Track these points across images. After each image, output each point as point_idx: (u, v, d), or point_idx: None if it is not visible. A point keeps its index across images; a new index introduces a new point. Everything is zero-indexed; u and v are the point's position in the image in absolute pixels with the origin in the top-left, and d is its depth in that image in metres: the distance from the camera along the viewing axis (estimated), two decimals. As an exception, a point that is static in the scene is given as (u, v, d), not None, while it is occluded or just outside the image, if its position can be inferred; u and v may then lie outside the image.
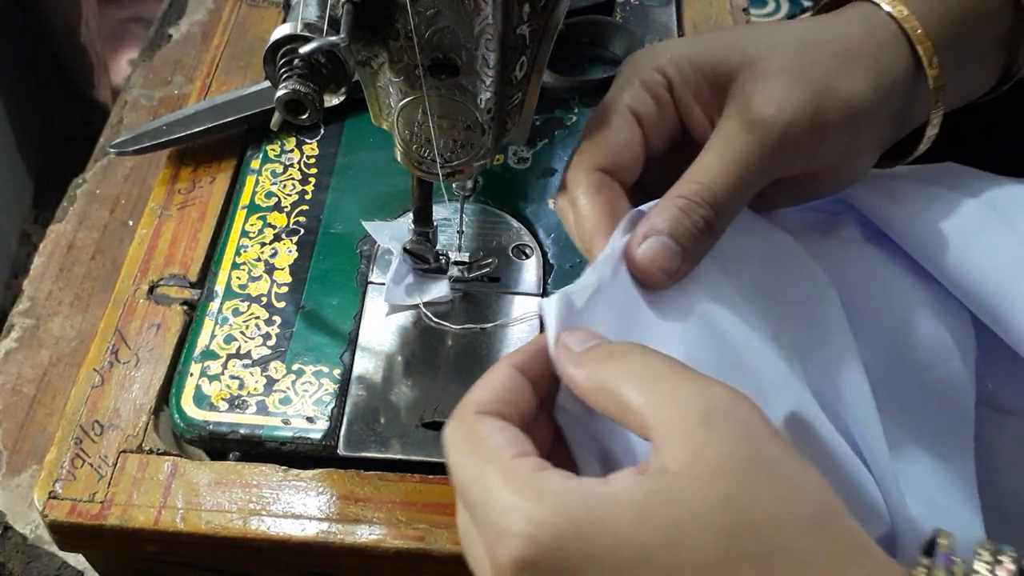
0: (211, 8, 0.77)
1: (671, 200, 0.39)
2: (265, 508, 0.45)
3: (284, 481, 0.46)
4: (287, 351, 0.50)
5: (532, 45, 0.43)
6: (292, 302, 0.52)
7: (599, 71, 0.65)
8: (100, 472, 0.46)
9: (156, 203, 0.57)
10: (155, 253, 0.55)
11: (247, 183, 0.58)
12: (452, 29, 0.40)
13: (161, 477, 0.46)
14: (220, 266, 0.54)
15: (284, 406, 0.48)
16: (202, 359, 0.50)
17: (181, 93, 0.70)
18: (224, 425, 0.47)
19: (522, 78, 0.44)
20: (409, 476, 0.46)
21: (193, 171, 0.59)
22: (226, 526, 0.44)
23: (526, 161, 0.60)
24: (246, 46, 0.67)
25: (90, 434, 0.47)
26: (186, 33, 0.75)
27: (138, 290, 0.53)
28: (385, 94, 0.45)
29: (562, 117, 0.62)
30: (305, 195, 0.57)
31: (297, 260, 0.54)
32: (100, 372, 0.50)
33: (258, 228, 0.56)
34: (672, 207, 0.39)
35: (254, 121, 0.60)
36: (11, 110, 1.26)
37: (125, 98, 0.72)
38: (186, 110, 0.61)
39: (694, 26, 0.69)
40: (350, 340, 0.51)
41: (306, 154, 0.60)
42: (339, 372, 0.49)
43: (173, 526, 0.44)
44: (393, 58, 0.42)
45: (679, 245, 0.38)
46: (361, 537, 0.44)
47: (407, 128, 0.44)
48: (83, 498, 0.45)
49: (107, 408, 0.48)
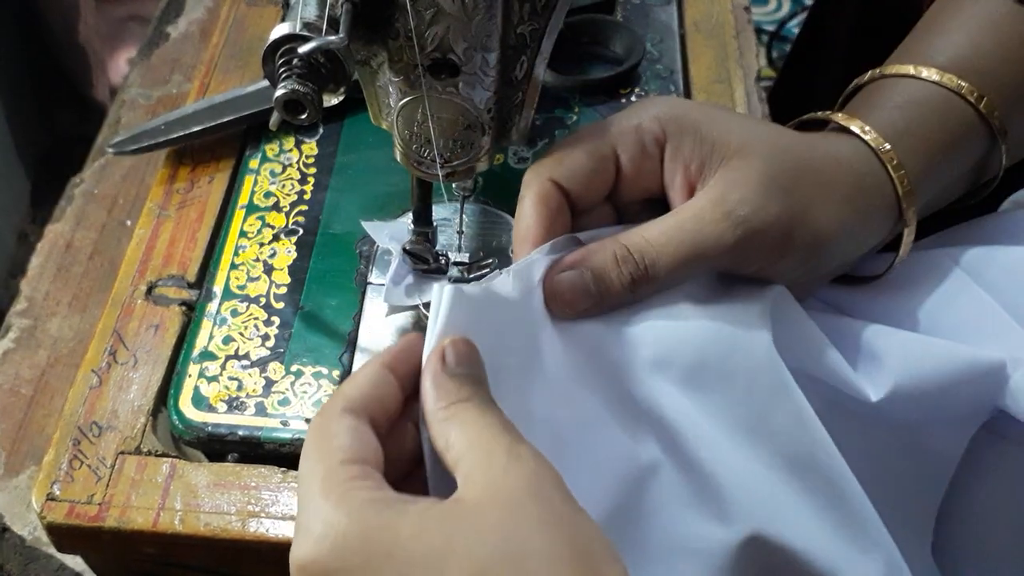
0: (209, 7, 0.76)
1: (613, 243, 0.40)
2: (264, 510, 0.45)
3: (283, 483, 0.46)
4: (286, 352, 0.50)
5: (532, 45, 0.42)
6: (291, 303, 0.52)
7: (600, 70, 0.65)
8: (98, 473, 0.46)
9: (154, 203, 0.57)
10: (153, 253, 0.55)
11: (246, 183, 0.58)
12: (452, 29, 0.40)
13: (159, 479, 0.46)
14: (218, 266, 0.54)
15: (283, 407, 0.48)
16: (200, 360, 0.49)
17: (179, 92, 0.70)
18: (223, 426, 0.47)
19: (522, 78, 0.44)
20: (409, 478, 0.46)
21: (191, 171, 0.59)
22: (225, 528, 0.44)
23: (526, 161, 0.59)
24: (245, 45, 0.67)
25: (88, 435, 0.47)
26: (184, 32, 0.75)
27: (136, 290, 0.53)
28: (385, 94, 0.44)
29: (562, 116, 0.62)
30: (304, 195, 0.57)
31: (296, 260, 0.54)
32: (98, 373, 0.49)
33: (257, 228, 0.55)
34: (610, 251, 0.40)
35: (253, 121, 0.60)
36: (9, 109, 1.25)
37: (123, 97, 0.72)
38: (184, 109, 0.60)
39: (695, 25, 0.69)
40: (349, 341, 0.50)
41: (305, 154, 0.60)
42: (338, 373, 0.49)
43: (171, 528, 0.44)
44: (393, 58, 0.42)
45: (596, 289, 0.40)
46: (360, 539, 0.44)
47: (407, 128, 0.44)
48: (81, 500, 0.45)
49: (105, 409, 0.48)
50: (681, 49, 0.67)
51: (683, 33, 0.69)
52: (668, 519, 0.39)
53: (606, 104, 0.63)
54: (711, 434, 0.39)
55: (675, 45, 0.67)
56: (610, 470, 0.39)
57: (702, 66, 0.66)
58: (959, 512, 0.45)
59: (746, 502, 0.38)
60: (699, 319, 0.40)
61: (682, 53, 0.67)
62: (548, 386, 0.39)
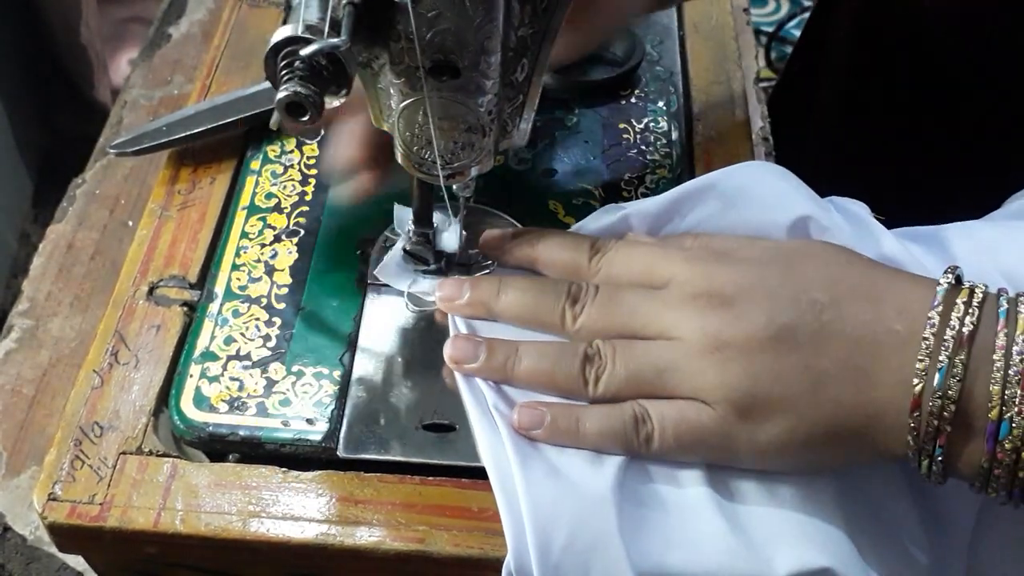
0: (211, 8, 0.77)
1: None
2: (264, 510, 0.45)
3: (284, 483, 0.46)
4: (287, 353, 0.50)
5: (533, 47, 0.43)
6: (292, 303, 0.52)
7: (600, 72, 0.65)
8: (99, 474, 0.46)
9: (156, 204, 0.57)
10: (155, 254, 0.55)
11: (247, 184, 0.58)
12: (453, 31, 0.40)
13: (160, 479, 0.46)
14: (220, 267, 0.54)
15: (284, 408, 0.48)
16: (202, 360, 0.50)
17: (181, 93, 0.70)
18: (224, 427, 0.47)
19: (523, 80, 0.44)
20: (409, 478, 0.46)
21: (193, 172, 0.59)
22: (225, 528, 0.44)
23: (527, 162, 0.60)
24: (246, 46, 0.67)
25: (90, 435, 0.47)
26: (186, 33, 0.75)
27: (138, 291, 0.53)
28: (386, 96, 0.45)
29: (563, 118, 0.62)
30: (305, 196, 0.57)
31: (297, 261, 0.54)
32: (100, 373, 0.50)
33: (258, 229, 0.55)
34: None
35: (254, 122, 0.60)
36: (11, 109, 1.26)
37: (125, 98, 0.72)
38: (186, 111, 0.61)
39: (695, 26, 0.69)
40: (350, 342, 0.51)
41: (306, 155, 0.60)
42: (339, 374, 0.49)
43: (172, 528, 0.44)
44: (394, 60, 0.42)
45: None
46: (360, 539, 0.44)
47: (408, 130, 0.44)
48: (82, 500, 0.45)
49: (106, 409, 0.48)
50: (680, 50, 0.68)
51: (683, 35, 0.69)
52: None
53: (606, 106, 0.63)
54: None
55: (675, 46, 0.68)
56: None
57: (701, 67, 0.66)
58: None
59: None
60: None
61: (681, 54, 0.67)
62: None
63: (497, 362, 0.45)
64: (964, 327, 0.38)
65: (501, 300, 0.47)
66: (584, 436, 0.43)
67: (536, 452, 0.43)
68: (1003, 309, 0.38)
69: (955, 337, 0.38)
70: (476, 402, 0.45)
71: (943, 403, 0.38)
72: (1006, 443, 0.37)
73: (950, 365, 0.38)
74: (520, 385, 0.45)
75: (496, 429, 0.43)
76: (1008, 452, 0.37)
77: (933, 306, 0.39)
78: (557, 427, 0.43)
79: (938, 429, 0.38)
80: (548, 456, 0.43)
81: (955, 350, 0.38)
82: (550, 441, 0.43)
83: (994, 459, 0.37)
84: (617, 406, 0.43)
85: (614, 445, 0.43)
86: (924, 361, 0.38)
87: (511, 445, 0.43)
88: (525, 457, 0.42)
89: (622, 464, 0.42)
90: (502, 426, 0.43)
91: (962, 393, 0.38)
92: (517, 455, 0.42)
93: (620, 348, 0.44)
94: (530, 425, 0.43)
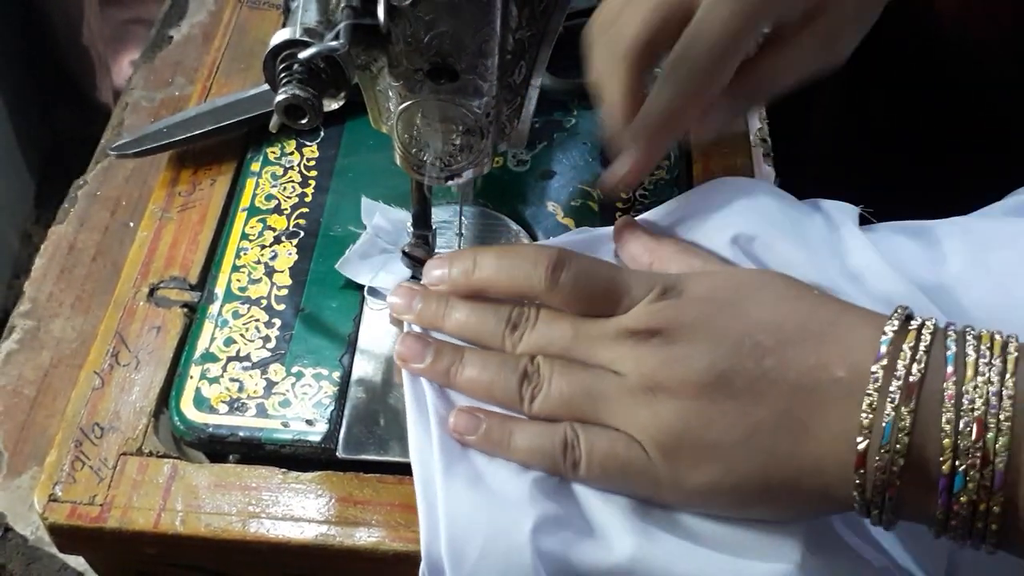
0: (212, 10, 0.77)
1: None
2: (264, 511, 0.45)
3: (283, 484, 0.46)
4: (287, 354, 0.50)
5: (531, 49, 0.43)
6: (292, 305, 0.52)
7: (599, 73, 0.65)
8: (100, 475, 0.46)
9: (156, 205, 0.58)
10: (155, 255, 0.55)
11: (247, 185, 0.58)
12: (451, 34, 0.40)
13: (161, 480, 0.46)
14: (220, 268, 0.54)
15: (284, 409, 0.48)
16: (202, 362, 0.50)
17: (182, 95, 0.70)
18: (224, 428, 0.48)
19: (521, 82, 0.44)
20: (408, 479, 0.46)
21: (193, 173, 0.59)
22: (225, 528, 0.44)
23: (525, 163, 0.60)
24: (247, 48, 0.67)
25: (90, 436, 0.47)
26: (187, 35, 0.75)
27: (138, 292, 0.53)
28: (384, 98, 0.45)
29: (561, 120, 0.62)
30: (305, 197, 0.58)
31: (297, 263, 0.54)
32: (100, 374, 0.50)
33: (258, 231, 0.56)
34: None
35: (254, 124, 0.60)
36: (12, 110, 1.26)
37: (126, 99, 0.72)
38: (187, 112, 0.61)
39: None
40: (350, 343, 0.51)
41: (306, 156, 0.60)
42: (339, 375, 0.49)
43: (173, 529, 0.44)
44: (392, 62, 0.42)
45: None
46: (360, 540, 0.44)
47: (406, 132, 0.45)
48: (83, 500, 0.45)
49: (107, 410, 0.48)
50: (681, 52, 0.67)
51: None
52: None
53: (605, 107, 0.63)
54: None
55: (674, 48, 0.68)
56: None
57: (701, 69, 0.66)
58: None
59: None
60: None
61: (682, 56, 0.67)
62: None
63: (441, 367, 0.45)
64: (911, 376, 0.36)
65: (447, 321, 0.46)
66: (514, 450, 0.42)
67: (463, 458, 0.43)
68: (951, 353, 0.36)
69: (901, 388, 0.36)
70: (416, 401, 0.45)
71: (892, 457, 0.36)
72: (961, 496, 0.35)
73: (896, 418, 0.36)
74: (461, 392, 0.45)
75: (428, 432, 0.43)
76: (964, 505, 0.35)
77: (878, 357, 0.37)
78: (490, 437, 0.43)
79: (887, 483, 0.36)
80: (476, 463, 0.43)
81: (903, 400, 0.36)
82: (481, 449, 0.43)
83: (949, 511, 0.36)
84: (551, 426, 0.42)
85: (541, 464, 0.42)
86: (868, 416, 0.36)
87: (439, 450, 0.43)
88: (450, 463, 0.42)
89: (546, 476, 0.42)
90: (435, 427, 0.43)
91: (911, 447, 0.35)
92: (443, 460, 0.42)
93: (559, 370, 0.43)
94: (464, 431, 0.43)
